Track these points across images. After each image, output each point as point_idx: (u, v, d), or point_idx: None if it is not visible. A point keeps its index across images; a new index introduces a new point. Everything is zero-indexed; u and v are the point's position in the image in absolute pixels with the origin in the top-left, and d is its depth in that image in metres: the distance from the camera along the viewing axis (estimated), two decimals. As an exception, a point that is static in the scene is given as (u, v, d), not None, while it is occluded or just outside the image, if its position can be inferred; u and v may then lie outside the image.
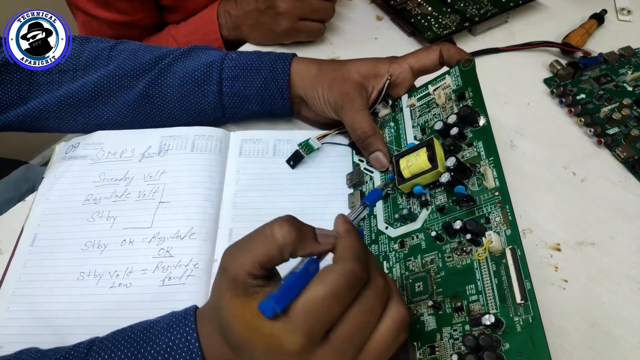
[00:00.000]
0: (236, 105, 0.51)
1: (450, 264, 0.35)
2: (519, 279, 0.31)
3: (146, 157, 0.49)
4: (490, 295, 0.32)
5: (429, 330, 0.34)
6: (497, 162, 0.37)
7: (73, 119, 0.50)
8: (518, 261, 0.32)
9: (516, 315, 0.30)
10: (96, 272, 0.42)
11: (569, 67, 0.55)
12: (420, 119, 0.45)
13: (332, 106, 0.47)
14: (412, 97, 0.47)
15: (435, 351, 0.32)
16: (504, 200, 0.35)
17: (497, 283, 0.32)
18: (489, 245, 0.33)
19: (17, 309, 0.41)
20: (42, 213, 0.46)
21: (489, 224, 0.34)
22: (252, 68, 0.50)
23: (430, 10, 0.64)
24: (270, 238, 0.28)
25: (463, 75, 0.43)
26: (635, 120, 0.50)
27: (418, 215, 0.40)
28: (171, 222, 0.45)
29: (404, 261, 0.38)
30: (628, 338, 0.38)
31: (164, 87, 0.49)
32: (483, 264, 0.33)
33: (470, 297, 0.33)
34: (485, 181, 0.36)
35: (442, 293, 0.34)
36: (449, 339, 0.32)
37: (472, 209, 0.36)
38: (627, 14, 0.64)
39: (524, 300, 0.30)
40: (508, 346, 0.29)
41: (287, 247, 0.28)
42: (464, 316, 0.32)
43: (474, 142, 0.39)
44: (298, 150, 0.49)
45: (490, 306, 0.32)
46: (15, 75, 0.48)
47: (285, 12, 0.59)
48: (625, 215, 0.45)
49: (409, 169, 0.40)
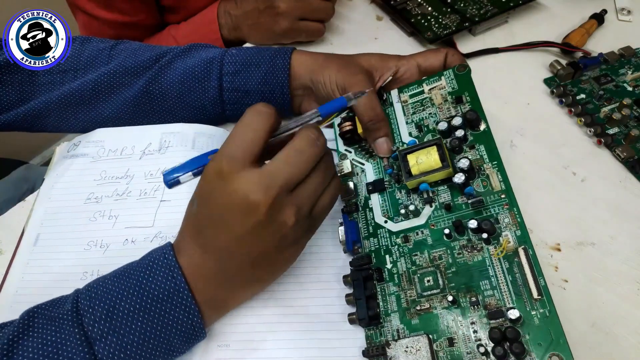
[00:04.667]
0: (236, 101, 0.51)
1: (461, 261, 0.37)
2: (534, 276, 0.33)
3: (147, 155, 0.49)
4: (506, 291, 0.34)
5: (444, 324, 0.35)
6: (500, 166, 0.39)
7: (74, 117, 0.51)
8: (531, 260, 0.34)
9: (533, 309, 0.33)
10: (99, 272, 0.42)
11: (569, 67, 0.55)
12: (415, 116, 0.45)
13: (340, 87, 0.46)
14: (404, 93, 0.47)
15: (453, 343, 0.34)
16: (511, 202, 0.37)
17: (511, 280, 0.34)
18: (507, 245, 0.36)
19: (20, 308, 0.41)
20: (44, 212, 0.47)
21: (499, 224, 0.37)
22: (252, 63, 0.50)
23: (430, 10, 0.64)
24: (257, 112, 0.35)
25: (458, 79, 0.44)
26: (635, 120, 0.50)
27: (421, 211, 0.40)
28: (173, 221, 0.45)
29: (409, 255, 0.39)
30: (628, 338, 0.38)
31: (164, 83, 0.49)
32: (496, 261, 0.36)
33: (485, 292, 0.35)
34: (491, 183, 0.38)
35: (455, 288, 0.36)
36: (467, 331, 0.34)
37: (479, 209, 0.38)
38: (627, 14, 0.64)
39: (540, 295, 0.33)
40: (528, 337, 0.32)
41: (274, 119, 0.35)
42: (481, 310, 0.34)
43: (476, 145, 0.40)
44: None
45: (506, 301, 0.34)
46: (16, 76, 0.49)
47: (285, 12, 0.59)
48: (625, 215, 0.45)
49: (418, 166, 0.40)
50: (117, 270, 0.36)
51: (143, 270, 0.35)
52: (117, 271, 0.36)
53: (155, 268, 0.35)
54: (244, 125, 0.34)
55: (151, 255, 0.36)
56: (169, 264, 0.35)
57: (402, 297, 0.37)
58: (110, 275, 0.36)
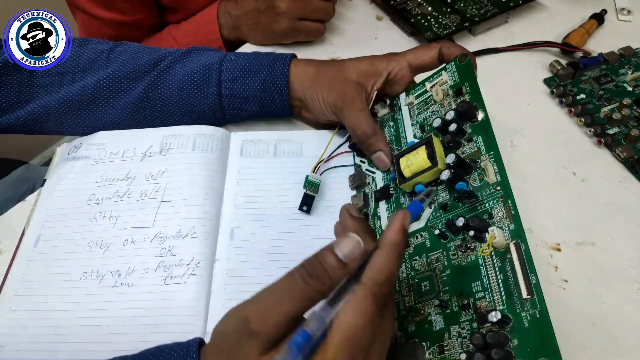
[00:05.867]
0: (236, 107, 0.51)
1: (455, 262, 0.35)
2: (524, 274, 0.30)
3: (147, 157, 0.49)
4: (497, 292, 0.32)
5: (437, 330, 0.33)
6: (497, 156, 0.36)
7: (73, 121, 0.50)
8: (523, 255, 0.31)
9: (523, 310, 0.30)
10: (98, 272, 0.42)
11: (569, 67, 0.55)
12: (419, 117, 0.45)
13: (332, 108, 0.47)
14: (410, 95, 0.47)
15: (444, 350, 0.32)
16: (506, 194, 0.34)
17: (502, 279, 0.32)
18: (493, 240, 0.33)
19: (20, 308, 0.41)
20: (45, 214, 0.46)
21: (492, 219, 0.34)
22: (251, 70, 0.50)
23: (430, 10, 0.64)
24: (300, 285, 0.27)
25: (459, 70, 0.42)
26: (635, 120, 0.51)
27: (421, 214, 0.40)
28: (173, 221, 0.45)
29: (409, 261, 0.38)
30: (628, 338, 0.38)
31: (163, 89, 0.49)
32: (488, 260, 0.33)
33: (477, 294, 0.32)
34: (487, 176, 0.36)
35: (449, 291, 0.34)
36: (457, 338, 0.32)
37: (475, 205, 0.36)
38: (627, 14, 0.64)
39: (530, 295, 0.30)
40: (516, 342, 0.29)
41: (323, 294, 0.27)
42: (471, 314, 0.32)
43: (474, 137, 0.38)
44: (306, 193, 0.46)
45: (497, 302, 0.31)
46: (14, 77, 0.48)
47: (284, 12, 0.59)
48: (625, 215, 0.45)
49: (409, 167, 0.40)
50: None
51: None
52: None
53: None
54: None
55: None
56: None
57: (402, 304, 0.37)
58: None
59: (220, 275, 0.42)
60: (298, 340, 0.24)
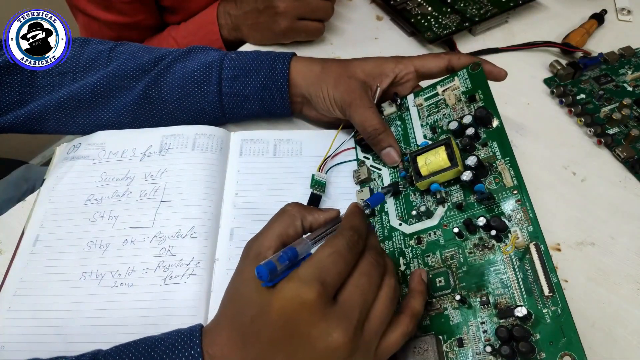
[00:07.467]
0: (236, 106, 0.51)
1: (472, 260, 0.36)
2: (545, 273, 0.33)
3: (147, 157, 0.49)
4: (517, 289, 0.33)
5: (454, 324, 0.35)
6: (513, 161, 0.38)
7: (73, 120, 0.50)
8: (543, 256, 0.33)
9: (544, 307, 0.32)
10: (98, 272, 0.42)
11: (569, 67, 0.55)
12: (429, 119, 0.45)
13: (338, 105, 0.47)
14: (420, 96, 0.47)
15: (463, 344, 0.34)
16: (523, 198, 0.36)
17: (522, 277, 0.34)
18: (516, 241, 0.34)
19: (19, 308, 0.41)
20: (44, 213, 0.46)
21: (510, 221, 0.36)
22: (252, 68, 0.50)
23: (430, 10, 0.64)
24: (281, 212, 0.35)
25: (472, 78, 0.44)
26: (635, 120, 0.50)
27: (434, 212, 0.40)
28: (172, 221, 0.45)
29: (422, 257, 0.39)
30: (628, 338, 0.38)
31: (163, 87, 0.49)
32: (507, 258, 0.35)
33: (496, 290, 0.34)
34: (503, 180, 0.38)
35: (466, 287, 0.36)
36: (477, 332, 0.34)
37: (492, 206, 0.37)
38: (627, 14, 0.64)
39: (551, 292, 0.32)
40: (539, 336, 0.31)
41: (297, 216, 0.34)
42: (491, 309, 0.34)
43: (489, 142, 0.40)
44: (313, 192, 0.46)
45: (517, 299, 0.33)
46: (15, 77, 0.48)
47: (284, 11, 0.59)
48: (625, 215, 0.45)
49: (427, 166, 0.40)
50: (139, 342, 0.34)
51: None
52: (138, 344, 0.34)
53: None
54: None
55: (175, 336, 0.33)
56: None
57: None
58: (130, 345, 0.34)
59: (220, 275, 0.42)
60: (287, 252, 0.30)
